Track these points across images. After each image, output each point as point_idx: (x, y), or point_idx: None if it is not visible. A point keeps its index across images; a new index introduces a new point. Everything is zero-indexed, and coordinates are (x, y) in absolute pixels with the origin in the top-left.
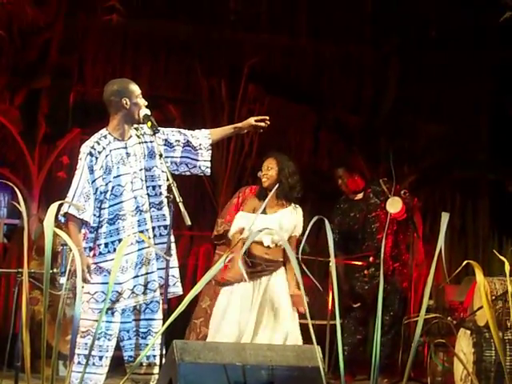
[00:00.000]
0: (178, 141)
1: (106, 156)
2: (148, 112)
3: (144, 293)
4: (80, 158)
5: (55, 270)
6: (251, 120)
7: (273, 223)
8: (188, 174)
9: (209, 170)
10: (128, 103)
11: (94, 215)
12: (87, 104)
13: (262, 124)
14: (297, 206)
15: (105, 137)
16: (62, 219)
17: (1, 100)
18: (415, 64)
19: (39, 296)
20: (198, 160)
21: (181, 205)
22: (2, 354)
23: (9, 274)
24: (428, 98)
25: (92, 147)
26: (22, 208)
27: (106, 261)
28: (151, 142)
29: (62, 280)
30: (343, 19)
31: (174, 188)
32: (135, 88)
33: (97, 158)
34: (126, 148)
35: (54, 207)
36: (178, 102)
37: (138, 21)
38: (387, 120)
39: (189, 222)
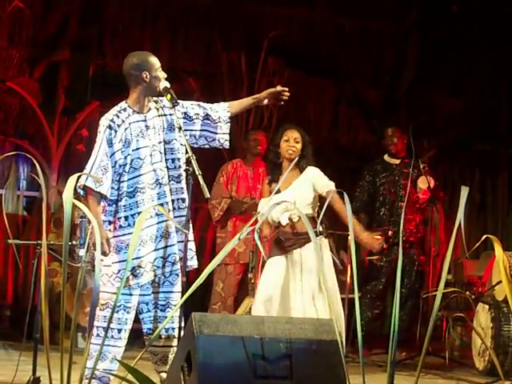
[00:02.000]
0: (198, 114)
1: (126, 129)
2: (167, 85)
3: (164, 266)
4: (99, 131)
5: (74, 243)
6: (271, 89)
7: (289, 199)
8: (207, 147)
9: (227, 143)
10: (148, 76)
11: (113, 188)
12: (106, 77)
13: (282, 94)
14: (305, 167)
15: (124, 110)
16: (81, 192)
17: (20, 72)
18: (435, 38)
19: (58, 268)
20: (216, 133)
21: (200, 178)
22: (21, 325)
23: (28, 245)
24: (448, 72)
25: (111, 120)
26: (41, 180)
27: (126, 234)
28: (171, 114)
29: (81, 252)
30: None
31: (193, 161)
32: (155, 61)
33: (116, 131)
34: (145, 121)
35: (72, 180)
36: (198, 75)
37: None
38: (407, 94)
39: (208, 195)
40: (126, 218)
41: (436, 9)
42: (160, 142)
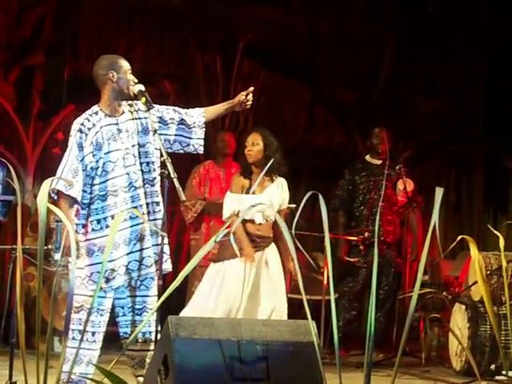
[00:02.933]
0: (173, 119)
1: (96, 132)
2: (142, 88)
3: (139, 269)
4: (70, 135)
5: (50, 247)
6: (241, 95)
7: (264, 201)
8: (182, 152)
9: (202, 149)
10: (115, 76)
11: (85, 191)
12: (81, 80)
13: (247, 99)
14: (280, 178)
15: (96, 113)
16: (55, 196)
17: None
18: (411, 39)
19: (34, 272)
20: (191, 138)
21: (175, 180)
22: None
23: (4, 250)
24: (423, 74)
25: (82, 124)
26: (16, 185)
27: (98, 237)
28: (145, 118)
29: (57, 256)
30: None
31: (168, 164)
32: (124, 63)
33: (86, 135)
34: (117, 124)
35: (47, 184)
36: (173, 78)
37: None
38: (383, 95)
39: (183, 198)
40: (99, 221)
41: (411, 10)
42: (134, 146)
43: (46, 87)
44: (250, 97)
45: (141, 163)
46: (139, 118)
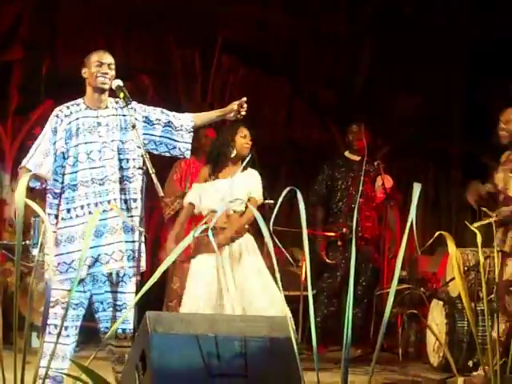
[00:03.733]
0: (159, 120)
1: (71, 121)
2: (120, 83)
3: (108, 262)
4: (48, 121)
5: (27, 242)
6: (233, 105)
7: (225, 189)
8: (168, 155)
9: (189, 153)
10: (86, 73)
11: (57, 181)
12: (60, 75)
13: (241, 109)
14: (252, 169)
15: (77, 104)
16: (34, 184)
17: None
18: (390, 38)
19: (12, 268)
20: (178, 141)
21: (153, 176)
22: None
23: None
24: (402, 71)
25: (60, 110)
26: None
27: (67, 227)
28: (130, 115)
29: (35, 252)
30: None
31: (146, 159)
32: (95, 57)
33: (62, 121)
34: (97, 117)
35: (25, 179)
36: (151, 73)
37: None
38: (361, 93)
39: (161, 193)
40: (68, 210)
41: (390, 9)
42: (113, 141)
43: (24, 82)
44: (245, 107)
45: (120, 159)
46: (123, 115)
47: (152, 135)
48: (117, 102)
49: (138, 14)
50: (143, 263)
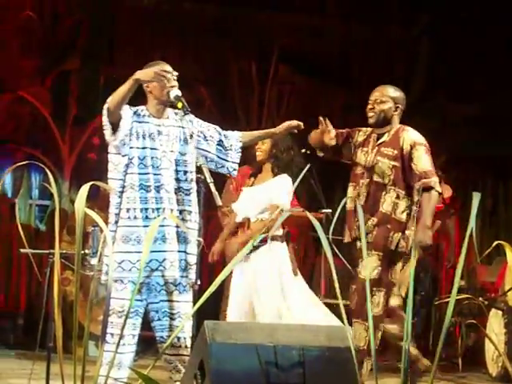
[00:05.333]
0: (212, 137)
1: (140, 122)
2: (179, 93)
3: (157, 269)
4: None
5: (86, 251)
6: (286, 124)
7: (249, 196)
8: (213, 170)
9: (235, 173)
10: (150, 86)
11: (120, 179)
12: (117, 85)
13: (295, 129)
14: (283, 175)
15: (142, 110)
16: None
17: (32, 82)
18: (446, 43)
19: (71, 276)
20: (227, 161)
21: (212, 185)
22: (34, 334)
23: (41, 254)
24: (459, 77)
25: (130, 108)
26: (54, 189)
27: (123, 226)
28: (188, 128)
29: (93, 261)
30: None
31: (204, 168)
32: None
33: (132, 115)
34: (159, 126)
35: (85, 188)
36: (209, 84)
37: (166, 2)
38: (417, 100)
39: (220, 203)
40: (128, 210)
41: (446, 14)
42: (172, 151)
43: (82, 92)
44: (301, 124)
45: (178, 171)
46: (182, 127)
47: (204, 150)
48: (176, 114)
49: (193, 24)
50: (192, 275)
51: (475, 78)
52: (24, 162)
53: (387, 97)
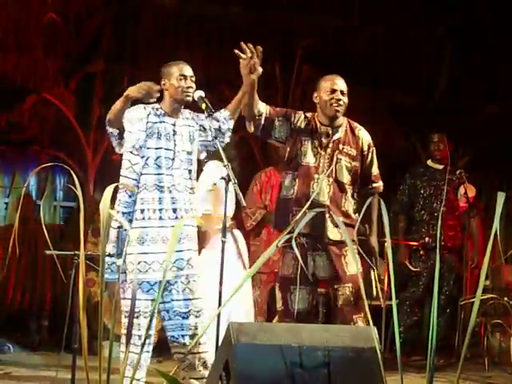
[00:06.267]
0: (210, 126)
1: (156, 122)
2: (202, 94)
3: (171, 269)
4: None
5: (110, 252)
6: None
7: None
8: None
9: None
10: (166, 84)
11: (135, 179)
12: None
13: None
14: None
15: (157, 109)
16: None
17: (56, 84)
18: (470, 43)
19: (95, 278)
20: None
21: (236, 186)
22: (59, 336)
23: (66, 256)
24: (484, 78)
25: (144, 108)
26: (79, 191)
27: (137, 227)
28: (192, 126)
29: (119, 262)
30: (398, 1)
31: (229, 169)
32: (175, 69)
33: (148, 115)
34: (174, 125)
35: (109, 190)
36: (232, 85)
37: (189, 4)
38: (442, 100)
39: (244, 204)
40: (142, 211)
41: (470, 15)
42: (183, 151)
43: (106, 95)
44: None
45: (184, 169)
46: (190, 126)
47: (205, 141)
48: (189, 112)
49: (216, 26)
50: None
51: (500, 76)
52: (48, 164)
53: (347, 89)
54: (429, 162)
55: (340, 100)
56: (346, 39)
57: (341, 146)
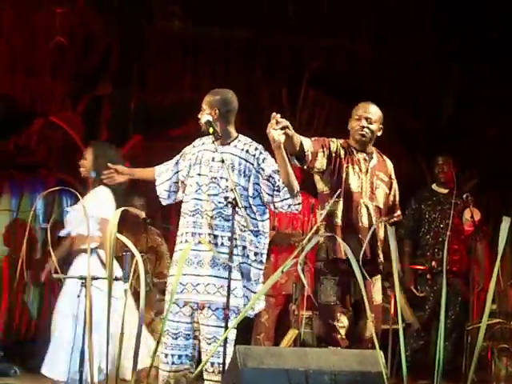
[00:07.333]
0: (270, 181)
1: (193, 154)
2: (210, 118)
3: (190, 292)
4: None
5: (118, 276)
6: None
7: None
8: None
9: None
10: (215, 114)
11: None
12: (148, 110)
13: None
14: (101, 187)
15: (207, 138)
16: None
17: (63, 107)
18: (476, 65)
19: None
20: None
21: (242, 210)
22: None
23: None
24: (489, 101)
25: (188, 148)
26: (86, 215)
27: (177, 250)
28: (242, 158)
29: (125, 286)
30: (404, 24)
31: (235, 193)
32: (218, 103)
33: (186, 155)
34: (214, 152)
35: (117, 213)
36: (239, 108)
37: (196, 27)
38: (448, 123)
39: (251, 227)
40: (181, 234)
41: (477, 37)
42: (222, 178)
43: (113, 117)
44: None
45: (225, 197)
46: (236, 155)
47: (261, 188)
48: (239, 141)
49: (224, 49)
50: (235, 300)
51: (505, 99)
52: (56, 188)
53: (378, 117)
54: (433, 186)
55: (364, 127)
56: (353, 62)
57: (377, 173)
